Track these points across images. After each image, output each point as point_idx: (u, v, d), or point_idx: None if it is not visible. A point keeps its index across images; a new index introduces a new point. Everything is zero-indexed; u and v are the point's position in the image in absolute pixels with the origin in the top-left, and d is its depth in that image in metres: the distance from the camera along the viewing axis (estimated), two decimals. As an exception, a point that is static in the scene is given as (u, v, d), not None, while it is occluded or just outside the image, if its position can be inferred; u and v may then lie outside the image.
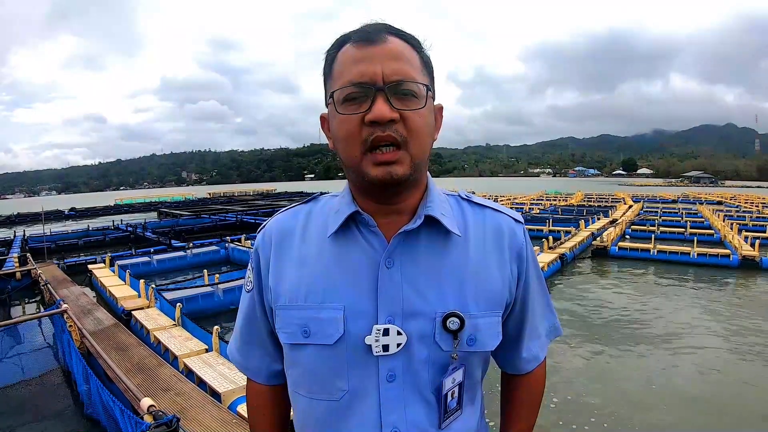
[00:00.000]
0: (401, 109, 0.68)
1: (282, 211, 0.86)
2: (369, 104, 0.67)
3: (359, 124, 0.68)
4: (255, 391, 0.91)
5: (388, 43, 0.69)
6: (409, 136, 0.69)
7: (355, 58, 0.69)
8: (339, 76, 0.70)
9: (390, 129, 0.67)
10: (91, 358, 4.59)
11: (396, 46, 0.70)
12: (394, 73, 0.68)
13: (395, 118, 0.67)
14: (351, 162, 0.71)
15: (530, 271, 0.83)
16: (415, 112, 0.69)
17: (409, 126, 0.68)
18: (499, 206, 0.84)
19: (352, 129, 0.69)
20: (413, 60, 0.71)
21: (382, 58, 0.68)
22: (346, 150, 0.71)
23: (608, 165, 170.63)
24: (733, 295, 8.83)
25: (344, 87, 0.69)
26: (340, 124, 0.70)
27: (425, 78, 0.72)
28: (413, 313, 0.72)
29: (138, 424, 2.73)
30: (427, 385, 0.74)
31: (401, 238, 0.74)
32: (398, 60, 0.69)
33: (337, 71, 0.71)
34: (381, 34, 0.70)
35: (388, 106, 0.67)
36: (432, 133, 0.75)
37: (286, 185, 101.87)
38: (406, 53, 0.70)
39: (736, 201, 27.95)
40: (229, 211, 26.94)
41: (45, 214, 22.39)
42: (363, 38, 0.69)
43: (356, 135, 0.68)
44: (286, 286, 0.77)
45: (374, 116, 0.66)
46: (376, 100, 0.67)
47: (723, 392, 4.99)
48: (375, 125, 0.67)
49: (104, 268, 10.26)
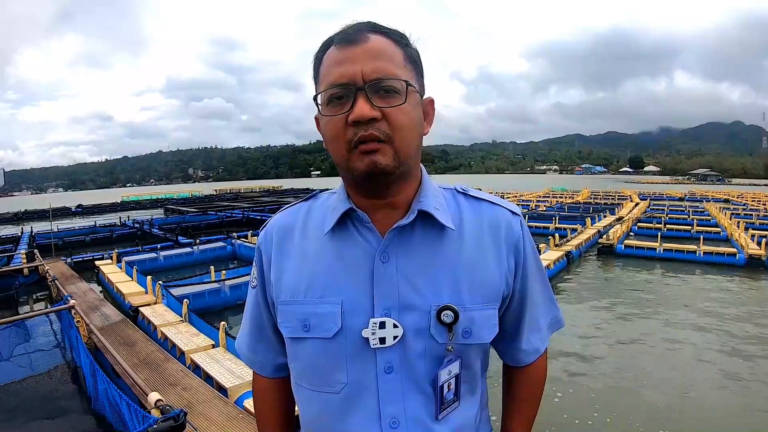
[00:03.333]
0: (382, 106, 0.68)
1: (283, 209, 0.88)
2: (351, 104, 0.68)
3: (343, 125, 0.69)
4: (261, 384, 0.94)
5: (369, 42, 0.70)
6: (393, 132, 0.69)
7: (337, 60, 0.70)
8: (323, 79, 0.72)
9: (372, 127, 0.68)
10: (99, 354, 4.62)
11: (377, 44, 0.70)
12: (374, 72, 0.68)
13: (377, 117, 0.68)
14: (339, 160, 0.73)
15: (528, 263, 0.83)
16: (397, 108, 0.69)
17: (392, 123, 0.69)
18: (496, 199, 0.84)
19: (338, 130, 0.70)
20: (395, 56, 0.71)
21: (362, 57, 0.69)
22: (334, 150, 0.73)
23: (615, 162, 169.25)
24: (739, 293, 8.77)
25: (327, 89, 0.70)
26: (326, 125, 0.72)
27: (409, 73, 0.72)
28: (408, 307, 0.74)
29: (145, 419, 2.75)
30: (424, 377, 0.75)
31: (395, 233, 0.75)
32: (378, 58, 0.69)
33: (322, 74, 0.73)
34: (362, 33, 0.70)
35: (369, 105, 0.67)
36: (418, 127, 0.75)
37: (293, 182, 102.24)
38: (387, 50, 0.70)
39: (743, 199, 27.68)
40: (235, 207, 27.01)
41: (52, 211, 22.59)
42: (344, 39, 0.70)
43: (341, 135, 0.70)
44: (287, 282, 0.79)
45: (355, 116, 0.67)
46: (357, 100, 0.68)
47: (722, 389, 4.97)
48: (358, 125, 0.68)
49: (111, 264, 10.33)
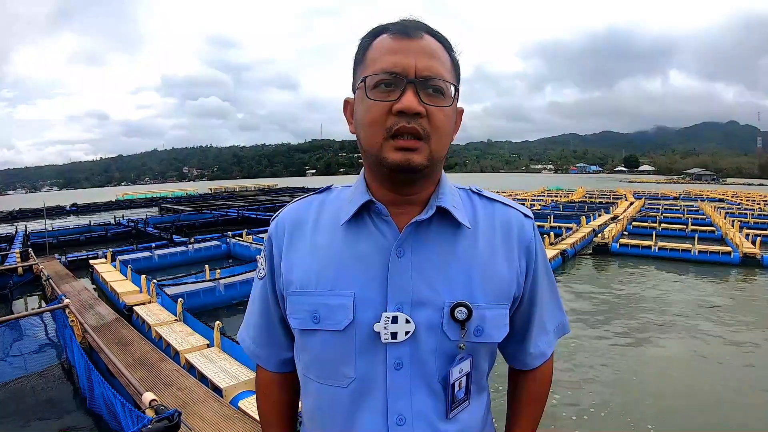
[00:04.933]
0: (428, 104, 0.69)
1: (296, 200, 0.87)
2: (399, 94, 0.68)
3: (386, 112, 0.69)
4: (265, 378, 0.93)
5: (424, 40, 0.71)
6: (432, 131, 0.70)
7: (391, 49, 0.70)
8: (372, 63, 0.72)
9: (415, 121, 0.69)
10: (93, 353, 4.60)
11: (430, 44, 0.72)
12: (426, 69, 0.69)
13: (422, 112, 0.69)
14: (372, 146, 0.72)
15: (539, 267, 0.83)
16: (440, 109, 0.71)
17: (433, 122, 0.70)
18: (509, 201, 0.85)
19: (379, 115, 0.70)
20: (445, 60, 0.73)
21: (417, 52, 0.70)
22: (368, 134, 0.72)
23: (610, 162, 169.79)
24: (733, 291, 8.82)
25: (377, 74, 0.70)
26: (367, 108, 0.71)
27: (454, 79, 0.74)
28: (422, 302, 0.73)
29: (140, 419, 2.74)
30: (434, 374, 0.74)
31: (413, 228, 0.75)
32: (431, 57, 0.70)
33: (370, 58, 0.73)
34: (418, 30, 0.72)
35: (417, 99, 0.68)
36: (452, 132, 0.76)
37: (288, 180, 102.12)
38: (439, 52, 0.72)
39: (738, 198, 27.89)
40: (230, 206, 26.97)
41: (47, 209, 22.41)
42: (400, 31, 0.71)
43: (382, 121, 0.70)
44: (298, 273, 0.78)
45: (403, 106, 0.68)
46: (406, 92, 0.68)
47: (720, 386, 5.00)
48: (402, 115, 0.68)
49: (106, 263, 10.27)
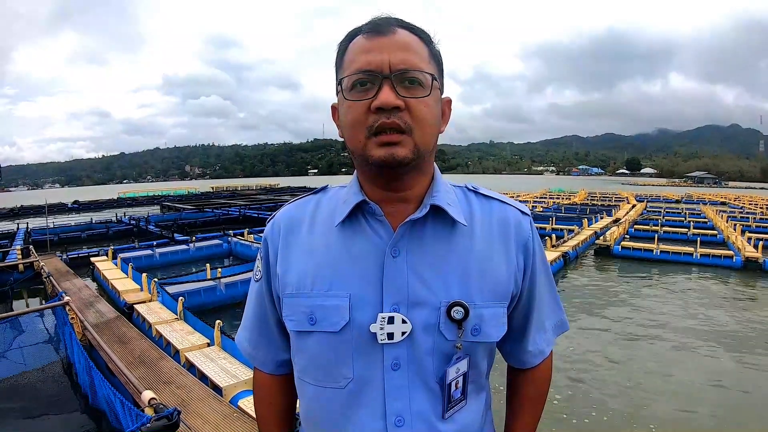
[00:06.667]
0: (407, 97, 0.69)
1: (291, 202, 0.87)
2: (375, 91, 0.68)
3: (366, 111, 0.69)
4: (262, 380, 0.93)
5: (397, 35, 0.71)
6: (414, 124, 0.70)
7: (364, 48, 0.71)
8: (348, 65, 0.73)
9: (395, 116, 0.68)
10: (93, 351, 4.60)
11: (404, 37, 0.71)
12: (401, 62, 0.69)
13: (400, 106, 0.68)
14: (356, 147, 0.72)
15: (537, 264, 0.83)
16: (420, 100, 0.70)
17: (414, 114, 0.69)
18: (506, 198, 0.84)
19: (359, 115, 0.70)
20: (421, 51, 0.72)
21: (390, 48, 0.70)
22: (351, 135, 0.72)
23: (612, 164, 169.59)
24: (734, 295, 8.79)
25: (352, 74, 0.71)
26: (348, 110, 0.72)
27: (433, 69, 0.73)
28: (418, 302, 0.73)
29: (139, 417, 2.73)
30: (432, 374, 0.74)
31: (407, 227, 0.74)
32: (405, 50, 0.70)
33: (347, 60, 0.73)
34: (390, 26, 0.71)
35: (394, 94, 0.68)
36: (437, 123, 0.75)
37: (290, 180, 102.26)
38: (414, 44, 0.71)
39: (740, 202, 27.81)
40: (232, 205, 26.96)
41: (48, 206, 22.45)
42: (372, 29, 0.71)
43: (362, 121, 0.70)
44: (294, 275, 0.78)
45: (380, 102, 0.68)
46: (383, 87, 0.68)
47: (721, 387, 4.99)
48: (381, 112, 0.68)
49: (107, 261, 10.27)
